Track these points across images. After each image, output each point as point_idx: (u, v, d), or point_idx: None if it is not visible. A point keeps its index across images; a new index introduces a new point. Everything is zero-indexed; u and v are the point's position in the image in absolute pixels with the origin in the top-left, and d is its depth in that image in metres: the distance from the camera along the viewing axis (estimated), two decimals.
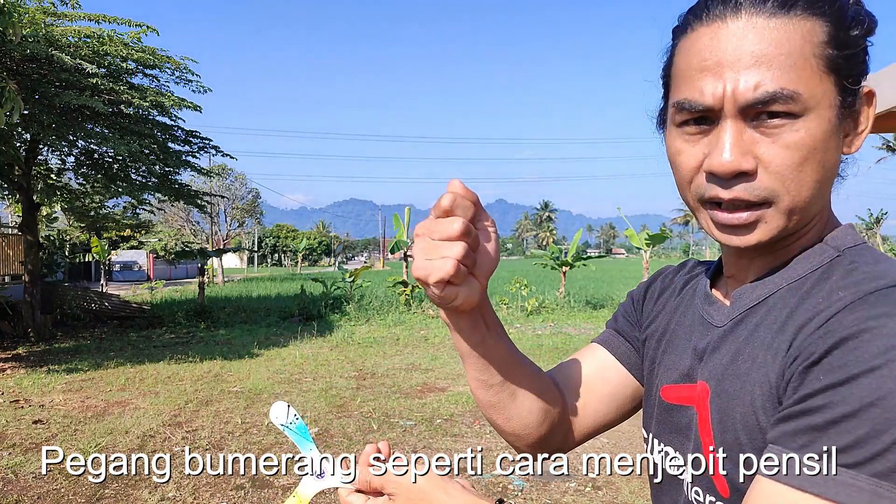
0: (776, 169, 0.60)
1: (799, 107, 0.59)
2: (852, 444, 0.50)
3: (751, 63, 0.60)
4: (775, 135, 0.60)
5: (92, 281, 28.48)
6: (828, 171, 0.62)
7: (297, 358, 8.99)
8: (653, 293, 0.87)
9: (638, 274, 28.00)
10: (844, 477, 0.50)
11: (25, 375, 7.76)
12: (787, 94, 0.59)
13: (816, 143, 0.60)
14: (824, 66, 0.60)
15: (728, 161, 0.60)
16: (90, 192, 14.09)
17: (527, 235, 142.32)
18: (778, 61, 0.59)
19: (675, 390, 0.72)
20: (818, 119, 0.60)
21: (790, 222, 0.62)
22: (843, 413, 0.51)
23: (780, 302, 0.64)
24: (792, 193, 0.60)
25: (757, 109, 0.60)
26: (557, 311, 14.93)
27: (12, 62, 9.47)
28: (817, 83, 0.60)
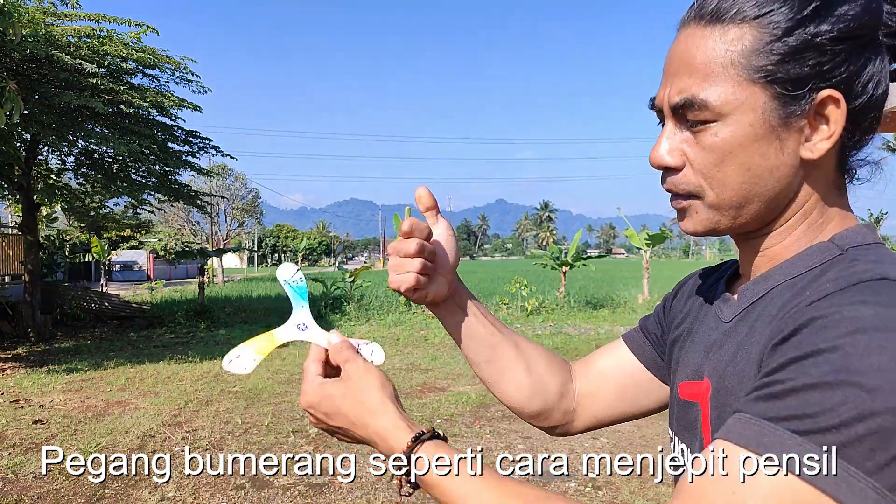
0: (699, 167, 0.66)
1: (710, 113, 0.63)
2: (805, 413, 0.50)
3: (678, 70, 0.66)
4: (699, 136, 0.65)
5: (92, 281, 28.48)
6: (758, 174, 0.63)
7: (298, 358, 8.99)
8: (683, 294, 0.88)
9: (638, 274, 27.99)
10: (792, 442, 0.50)
11: (25, 375, 7.76)
12: (697, 102, 0.63)
13: (732, 147, 0.63)
14: (747, 74, 0.62)
15: (654, 156, 0.68)
16: (90, 192, 14.09)
17: (527, 235, 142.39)
18: (697, 69, 0.64)
19: (688, 387, 0.74)
20: (736, 125, 0.63)
21: (723, 217, 0.66)
22: (802, 385, 0.51)
23: (776, 297, 0.65)
24: (716, 191, 0.65)
25: (680, 114, 0.66)
26: (557, 311, 14.93)
27: (12, 62, 9.47)
28: (733, 91, 0.62)
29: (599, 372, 0.92)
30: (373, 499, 3.92)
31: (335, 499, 3.94)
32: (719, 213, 0.66)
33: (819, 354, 0.51)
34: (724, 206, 0.66)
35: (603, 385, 0.91)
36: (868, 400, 0.48)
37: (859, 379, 0.48)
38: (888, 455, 0.48)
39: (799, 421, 0.50)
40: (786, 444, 0.50)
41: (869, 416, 0.48)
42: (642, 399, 0.91)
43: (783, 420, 0.51)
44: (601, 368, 0.92)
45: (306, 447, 4.88)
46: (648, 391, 0.90)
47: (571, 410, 0.91)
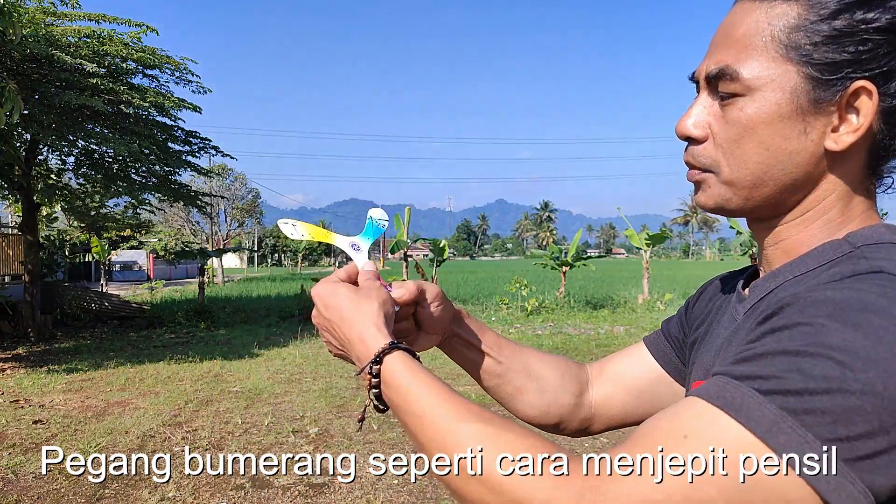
0: (719, 141, 0.65)
1: (740, 86, 0.63)
2: (772, 375, 0.50)
3: (721, 42, 0.65)
4: (725, 110, 0.65)
5: (92, 281, 28.49)
6: (777, 156, 0.62)
7: (297, 358, 8.99)
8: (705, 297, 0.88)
9: (638, 274, 27.99)
10: (752, 400, 0.49)
11: (25, 375, 7.76)
12: (728, 72, 0.63)
13: (755, 123, 0.62)
14: (783, 51, 0.61)
15: (680, 126, 0.68)
16: (90, 192, 14.09)
17: (527, 235, 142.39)
18: (734, 41, 0.64)
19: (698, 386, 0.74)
20: (762, 101, 0.62)
21: (734, 195, 0.66)
22: (773, 350, 0.51)
23: (781, 292, 0.64)
24: (732, 167, 0.65)
25: (713, 84, 0.65)
26: (557, 311, 14.92)
27: (12, 62, 9.47)
28: (768, 66, 0.61)
29: (617, 376, 0.92)
30: (373, 499, 3.92)
31: (335, 499, 3.94)
32: (731, 191, 0.66)
33: (795, 327, 0.51)
34: (738, 183, 0.65)
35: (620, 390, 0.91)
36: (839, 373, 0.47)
37: (832, 353, 0.48)
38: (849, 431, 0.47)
39: (764, 381, 0.50)
40: (746, 400, 0.50)
41: (837, 390, 0.47)
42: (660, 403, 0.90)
43: (748, 378, 0.51)
44: (620, 372, 0.92)
45: (306, 447, 4.88)
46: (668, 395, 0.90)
47: (589, 417, 0.92)
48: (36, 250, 11.64)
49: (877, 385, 0.47)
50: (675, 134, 0.69)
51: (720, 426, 0.50)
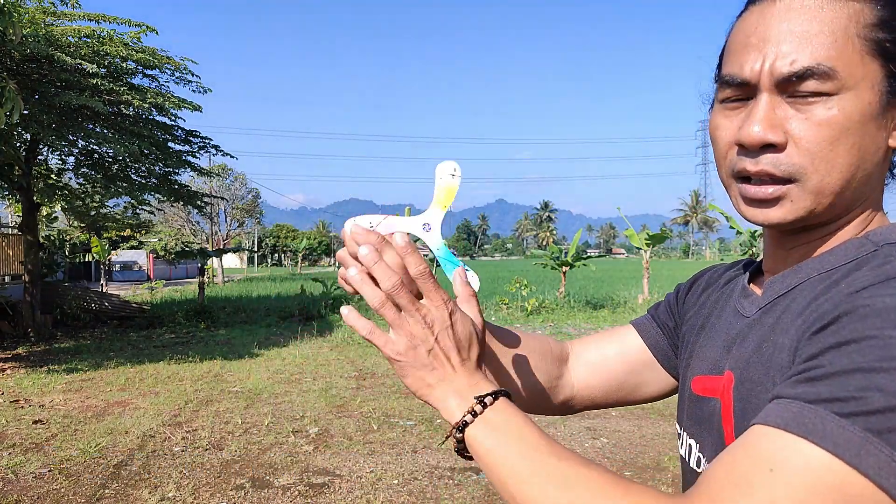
0: (806, 145, 0.60)
1: (834, 85, 0.59)
2: (850, 396, 0.48)
3: (791, 39, 0.60)
4: (809, 111, 0.60)
5: (92, 281, 28.48)
6: (864, 157, 0.60)
7: (297, 358, 8.99)
8: (698, 287, 0.87)
9: (638, 274, 27.99)
10: (834, 424, 0.48)
11: (25, 375, 7.76)
12: (823, 69, 0.58)
13: (851, 123, 0.59)
14: (869, 48, 0.59)
15: (756, 132, 0.61)
16: (90, 191, 14.09)
17: (527, 235, 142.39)
18: (818, 39, 0.59)
19: (703, 381, 0.72)
20: (855, 100, 0.59)
21: (818, 205, 0.61)
22: (846, 368, 0.49)
23: (806, 290, 0.63)
24: (821, 172, 0.60)
25: (792, 84, 0.60)
26: (557, 311, 14.92)
27: (12, 62, 9.47)
28: (858, 64, 0.59)
29: (602, 358, 0.91)
30: (373, 499, 3.92)
31: (335, 499, 3.93)
32: (817, 200, 0.61)
33: (863, 341, 0.49)
34: (826, 190, 0.61)
35: (603, 372, 0.90)
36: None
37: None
38: None
39: (842, 403, 0.48)
40: (828, 424, 0.48)
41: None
42: (644, 388, 0.90)
43: (825, 402, 0.49)
44: (605, 355, 0.91)
45: (306, 447, 4.88)
46: (652, 380, 0.89)
47: (569, 398, 0.91)
48: (36, 250, 11.64)
49: None
50: (746, 143, 0.62)
51: (805, 455, 0.48)
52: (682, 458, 0.77)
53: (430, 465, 4.50)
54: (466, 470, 4.37)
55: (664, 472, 4.38)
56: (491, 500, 3.89)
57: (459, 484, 4.13)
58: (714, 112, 0.68)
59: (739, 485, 0.50)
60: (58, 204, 16.66)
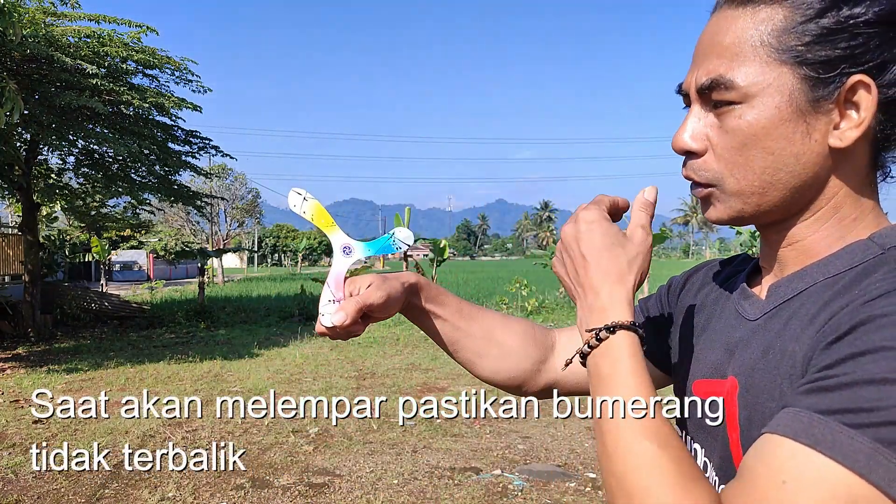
0: (720, 152, 0.64)
1: (737, 94, 0.62)
2: (860, 407, 0.49)
3: (708, 52, 0.64)
4: (723, 120, 0.64)
5: (92, 281, 28.48)
6: (783, 160, 0.62)
7: (297, 358, 9.00)
8: (693, 284, 0.86)
9: None
10: (843, 435, 0.48)
11: (25, 375, 7.76)
12: (723, 81, 0.62)
13: (757, 130, 0.62)
14: (776, 54, 0.60)
15: (677, 140, 0.67)
16: (90, 191, 14.10)
17: (527, 235, 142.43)
18: (725, 50, 0.63)
19: (705, 385, 0.72)
20: (761, 107, 0.61)
21: (745, 205, 0.65)
22: (858, 379, 0.49)
23: (814, 296, 0.63)
24: (736, 177, 0.64)
25: (706, 95, 0.64)
26: (557, 311, 14.93)
27: (12, 62, 9.47)
28: (761, 71, 0.61)
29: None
30: (373, 499, 3.92)
31: (335, 499, 3.94)
32: (741, 201, 0.65)
33: (878, 352, 0.49)
34: (746, 192, 0.64)
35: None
36: None
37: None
38: None
39: (853, 415, 0.48)
40: (837, 436, 0.48)
41: None
42: None
43: (836, 413, 0.49)
44: None
45: (306, 447, 4.88)
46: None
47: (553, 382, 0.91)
48: (36, 250, 11.64)
49: None
50: (673, 149, 0.67)
51: (817, 466, 0.49)
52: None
53: (430, 465, 4.50)
54: (466, 470, 4.38)
55: None
56: (491, 501, 3.89)
57: (459, 484, 4.13)
58: None
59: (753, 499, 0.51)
60: (58, 204, 16.65)
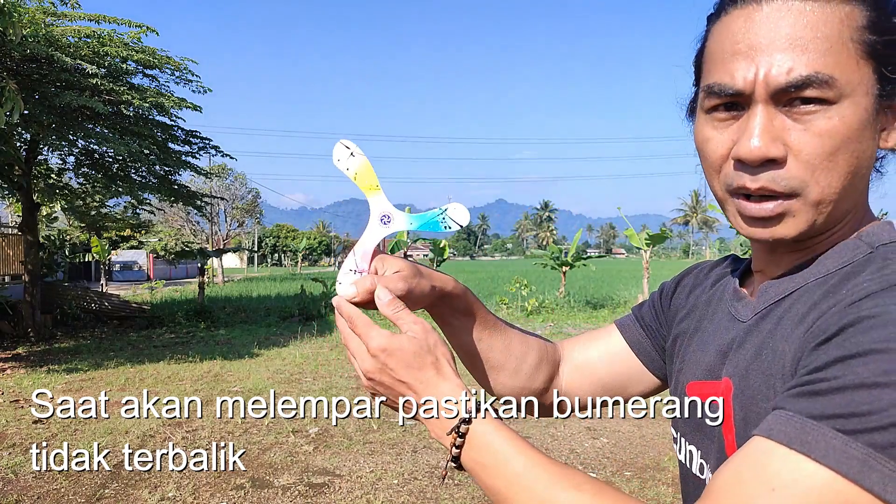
0: (806, 157, 0.58)
1: (834, 93, 0.57)
2: (852, 412, 0.48)
3: (785, 46, 0.58)
4: (808, 122, 0.58)
5: (92, 281, 28.48)
6: (862, 164, 0.60)
7: (297, 358, 8.99)
8: (684, 287, 0.86)
9: (638, 274, 27.98)
10: (837, 441, 0.48)
11: (25, 375, 7.76)
12: (822, 78, 0.57)
13: (851, 132, 0.57)
14: (862, 51, 0.58)
15: (756, 147, 0.58)
16: (90, 191, 14.09)
17: (527, 235, 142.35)
18: (813, 45, 0.57)
19: (700, 387, 0.71)
20: (854, 107, 0.57)
21: (819, 215, 0.60)
22: (849, 383, 0.49)
23: (804, 296, 0.62)
24: (822, 184, 0.58)
25: (789, 94, 0.58)
26: (557, 311, 14.93)
27: (12, 62, 9.47)
28: (854, 69, 0.57)
29: (588, 361, 0.90)
30: (373, 499, 3.92)
31: (335, 499, 3.94)
32: (818, 211, 0.60)
33: (868, 354, 0.49)
34: (826, 200, 0.59)
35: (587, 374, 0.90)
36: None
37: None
38: None
39: (845, 420, 0.48)
40: (830, 442, 0.48)
41: None
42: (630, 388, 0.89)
43: (828, 418, 0.49)
44: (589, 358, 0.91)
45: (306, 447, 4.88)
46: (637, 381, 0.88)
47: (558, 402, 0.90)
48: (36, 250, 11.63)
49: None
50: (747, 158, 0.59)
51: (808, 473, 0.48)
52: (682, 463, 0.76)
53: (430, 465, 4.50)
54: None
55: (664, 472, 4.38)
56: (491, 501, 3.89)
57: (459, 484, 4.14)
58: (700, 122, 0.65)
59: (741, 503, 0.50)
60: (58, 204, 16.66)
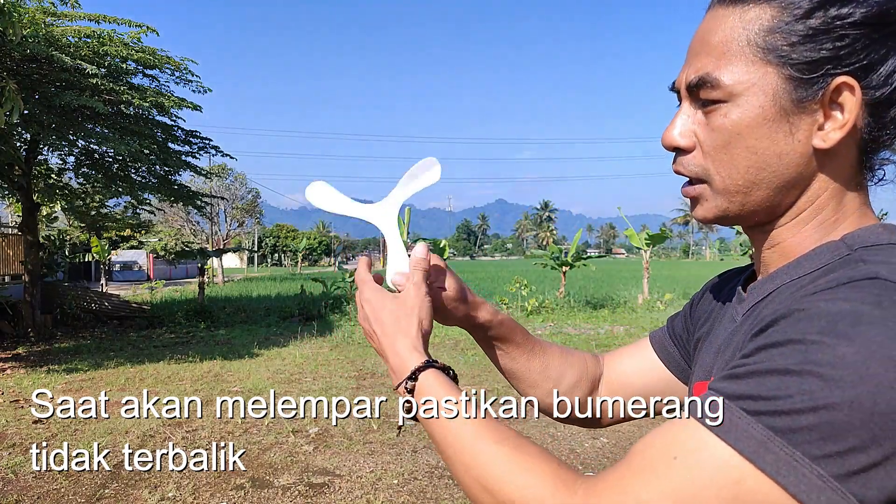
0: (706, 149, 0.66)
1: (723, 93, 0.63)
2: (760, 395, 0.50)
3: (698, 50, 0.66)
4: (710, 118, 0.65)
5: (92, 281, 28.49)
6: (766, 160, 0.62)
7: (297, 358, 8.99)
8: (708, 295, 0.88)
9: (638, 274, 27.99)
10: (741, 421, 0.50)
11: (25, 375, 7.76)
12: (709, 80, 0.63)
13: (740, 129, 0.62)
14: (761, 54, 0.61)
15: (666, 136, 0.68)
16: (90, 191, 14.09)
17: (527, 235, 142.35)
18: (714, 48, 0.64)
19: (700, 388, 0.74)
20: (746, 105, 0.62)
21: (730, 204, 0.66)
22: (764, 368, 0.51)
23: (780, 296, 0.64)
24: (722, 175, 0.65)
25: (695, 93, 0.66)
26: (557, 311, 14.92)
27: (12, 62, 9.47)
28: (746, 71, 0.62)
29: (623, 375, 0.94)
30: (373, 499, 3.92)
31: (335, 499, 3.94)
32: (727, 200, 0.66)
33: (787, 344, 0.51)
34: (731, 190, 0.65)
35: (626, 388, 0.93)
36: (825, 390, 0.47)
37: (820, 370, 0.48)
38: (838, 447, 0.47)
39: (752, 401, 0.50)
40: (734, 421, 0.50)
41: (823, 406, 0.47)
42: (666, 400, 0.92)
43: (737, 398, 0.51)
44: (624, 371, 0.94)
45: (306, 447, 4.89)
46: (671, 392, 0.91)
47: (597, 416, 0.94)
48: (36, 250, 11.63)
49: (865, 400, 0.46)
50: (662, 145, 0.69)
51: (709, 447, 0.51)
52: None
53: (430, 465, 4.50)
54: None
55: None
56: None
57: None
58: None
59: (643, 471, 0.53)
60: (58, 204, 16.65)
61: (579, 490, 0.56)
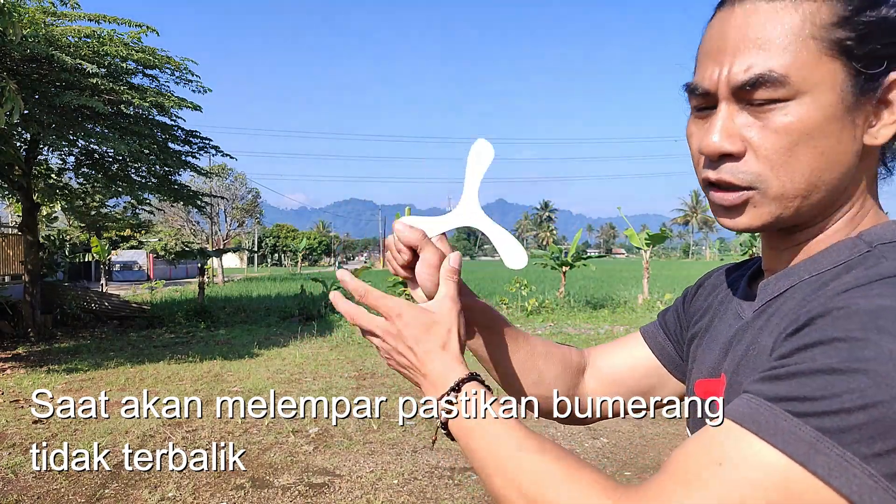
0: (764, 153, 0.60)
1: (788, 91, 0.58)
2: (806, 396, 0.49)
3: (747, 47, 0.60)
4: (766, 118, 0.60)
5: (92, 281, 28.48)
6: (830, 160, 0.60)
7: (297, 358, 8.99)
8: (704, 290, 0.87)
9: (638, 274, 27.98)
10: (788, 423, 0.49)
11: (25, 375, 7.76)
12: (775, 77, 0.58)
13: (809, 128, 0.59)
14: (827, 48, 0.58)
15: (712, 143, 0.62)
16: (90, 191, 14.09)
17: (527, 235, 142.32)
18: (772, 44, 0.59)
19: (705, 385, 0.73)
20: (814, 104, 0.58)
21: (784, 210, 0.62)
22: (807, 369, 0.50)
23: (798, 293, 0.63)
24: (782, 179, 0.60)
25: (747, 93, 0.60)
26: (557, 311, 14.92)
27: (12, 62, 9.47)
28: (814, 66, 0.58)
29: (613, 369, 0.92)
30: (373, 499, 3.92)
31: (335, 499, 3.94)
32: (782, 205, 0.61)
33: (829, 343, 0.50)
34: (790, 195, 0.61)
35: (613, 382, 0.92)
36: (873, 388, 0.47)
37: (866, 367, 0.47)
38: (888, 445, 0.46)
39: (798, 403, 0.49)
40: (780, 423, 0.49)
41: (872, 405, 0.46)
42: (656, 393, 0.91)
43: (782, 400, 0.50)
44: (614, 365, 0.92)
45: (306, 447, 4.89)
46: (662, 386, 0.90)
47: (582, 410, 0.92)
48: (36, 250, 11.63)
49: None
50: (704, 153, 0.63)
51: (755, 451, 0.49)
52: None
53: (430, 465, 4.50)
54: (466, 470, 4.37)
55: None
56: (491, 501, 3.89)
57: (459, 484, 4.14)
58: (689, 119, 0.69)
59: (686, 479, 0.52)
60: (58, 204, 16.66)
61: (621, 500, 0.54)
